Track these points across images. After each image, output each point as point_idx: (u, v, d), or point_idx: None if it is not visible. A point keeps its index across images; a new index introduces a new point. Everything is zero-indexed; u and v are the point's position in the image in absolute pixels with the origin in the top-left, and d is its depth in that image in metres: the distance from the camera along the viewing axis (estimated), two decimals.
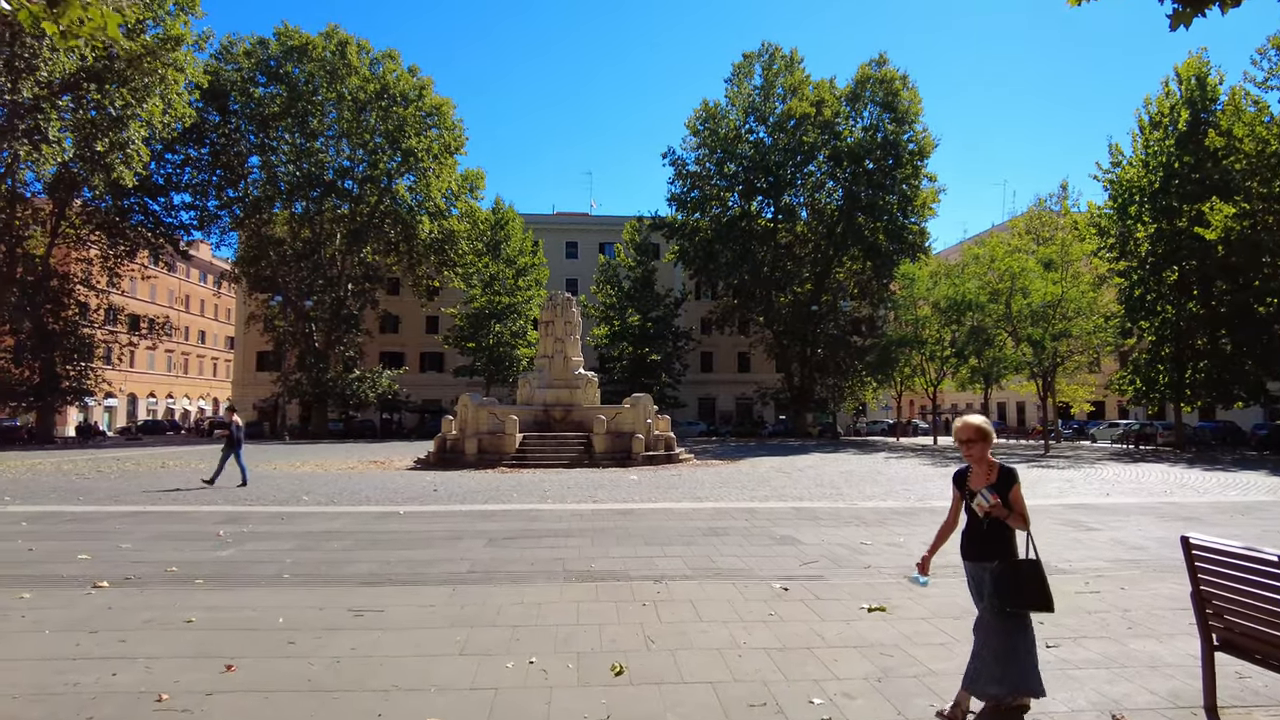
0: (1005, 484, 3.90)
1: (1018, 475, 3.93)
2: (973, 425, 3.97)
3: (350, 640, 5.32)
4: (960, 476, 4.12)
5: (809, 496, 14.53)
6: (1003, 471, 3.94)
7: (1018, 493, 3.91)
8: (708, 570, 7.65)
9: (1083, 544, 9.30)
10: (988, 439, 3.97)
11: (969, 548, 4.08)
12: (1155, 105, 36.52)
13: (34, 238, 43.18)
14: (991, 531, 3.94)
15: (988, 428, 3.97)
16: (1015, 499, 3.90)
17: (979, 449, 3.97)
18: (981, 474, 3.98)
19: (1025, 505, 3.94)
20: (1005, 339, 35.79)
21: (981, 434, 3.95)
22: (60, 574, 7.42)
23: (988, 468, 3.97)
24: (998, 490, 3.89)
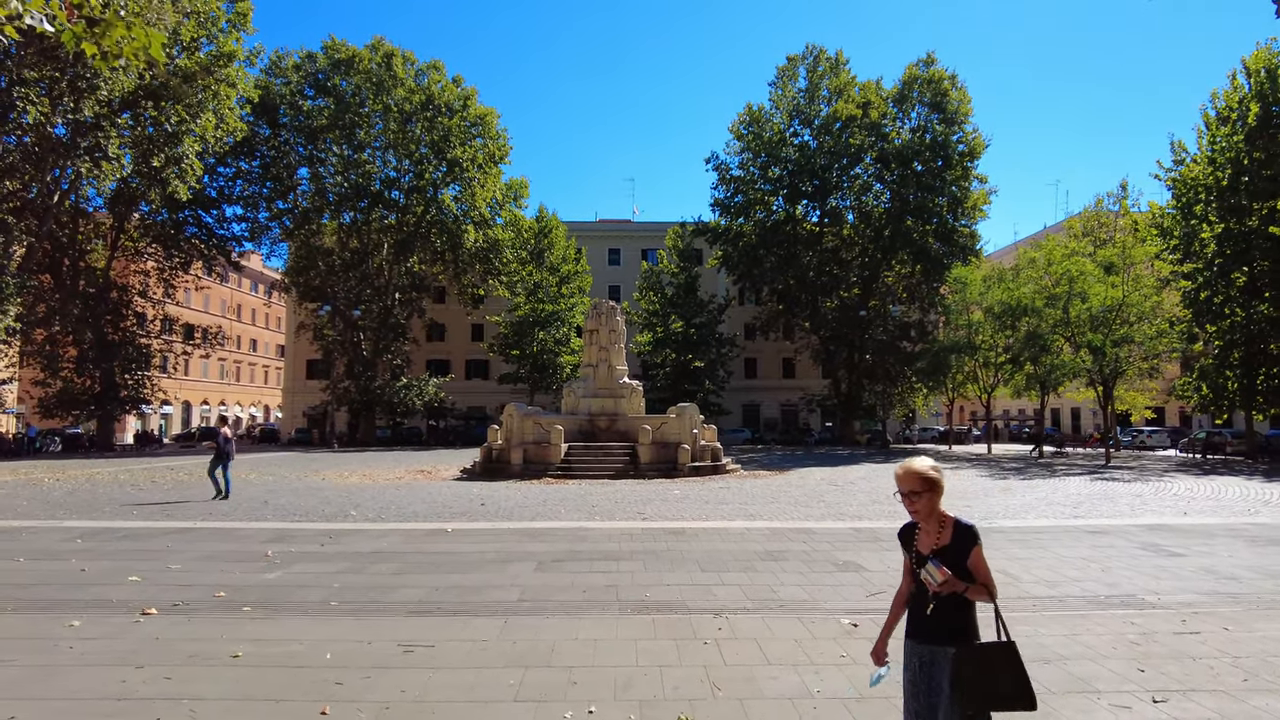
0: (961, 546, 3.08)
1: (978, 534, 3.11)
2: (916, 473, 3.13)
3: (399, 681, 5.07)
4: (907, 534, 3.29)
5: (867, 515, 13.99)
6: (958, 530, 3.12)
7: (979, 557, 3.09)
8: (770, 603, 7.26)
9: (1169, 572, 8.68)
10: (936, 489, 3.15)
11: (916, 625, 3.19)
12: (1223, 99, 34.97)
13: (95, 251, 44.53)
14: (946, 605, 3.08)
15: (935, 475, 3.15)
16: (976, 565, 3.08)
17: (925, 502, 3.14)
18: (931, 533, 3.16)
19: (989, 571, 3.12)
20: (1063, 345, 34.59)
21: (928, 484, 3.13)
22: (110, 598, 7.34)
23: (938, 525, 3.16)
24: (951, 555, 3.10)
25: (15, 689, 4.91)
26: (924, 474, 3.11)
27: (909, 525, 3.27)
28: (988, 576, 3.09)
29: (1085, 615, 6.78)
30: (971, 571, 3.07)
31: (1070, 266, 32.88)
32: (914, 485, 3.13)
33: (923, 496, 3.12)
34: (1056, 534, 11.59)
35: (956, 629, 3.09)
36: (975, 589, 3.06)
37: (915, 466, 3.14)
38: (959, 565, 3.04)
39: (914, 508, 3.14)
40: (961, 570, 3.05)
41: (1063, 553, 9.87)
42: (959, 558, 3.06)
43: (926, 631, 3.14)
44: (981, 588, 3.07)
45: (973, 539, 3.09)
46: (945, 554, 3.08)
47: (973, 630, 3.13)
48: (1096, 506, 15.50)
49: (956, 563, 3.04)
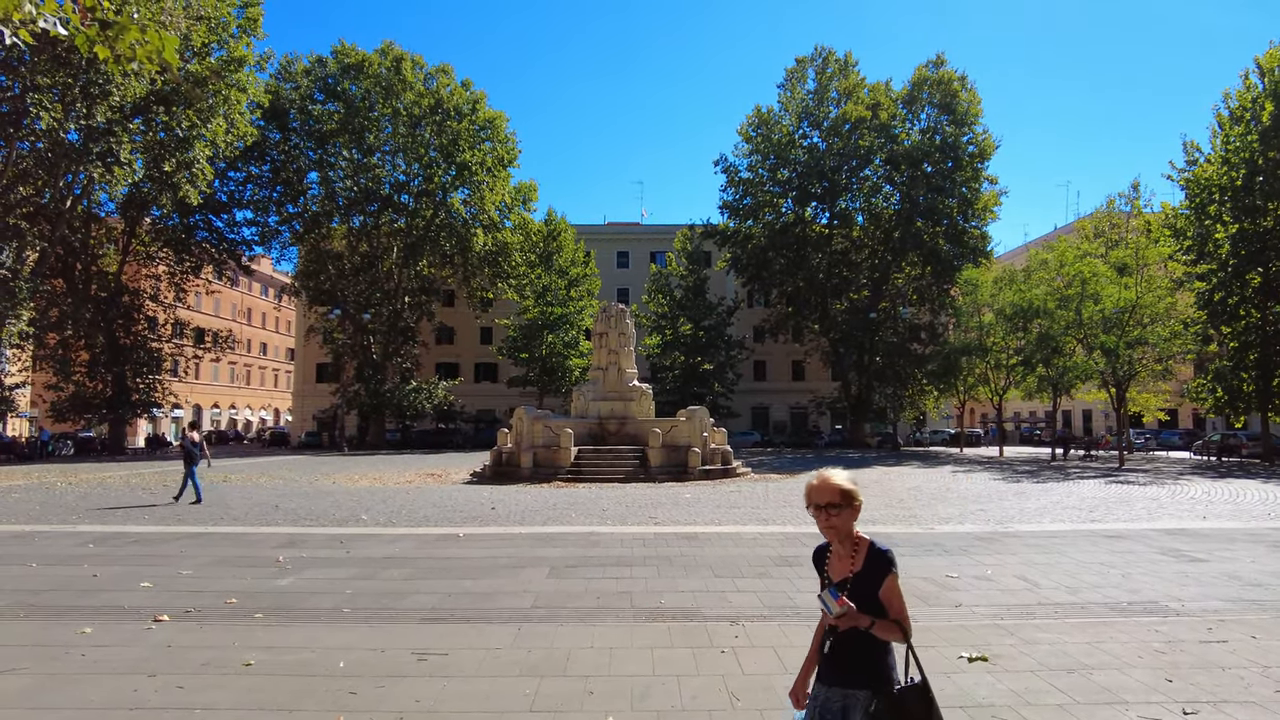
0: (874, 573, 2.73)
1: (893, 560, 2.74)
2: (833, 485, 2.75)
3: (413, 690, 5.00)
4: (819, 557, 2.98)
5: (881, 519, 13.87)
6: (872, 555, 2.76)
7: (893, 587, 2.70)
8: (786, 610, 7.16)
9: (1192, 578, 8.53)
10: (853, 504, 2.77)
11: (824, 663, 2.80)
12: (1235, 99, 34.69)
13: (107, 256, 44.78)
14: (852, 642, 2.70)
15: (852, 489, 2.77)
16: (889, 596, 2.69)
17: (842, 519, 2.76)
18: (844, 556, 2.82)
19: (904, 604, 2.73)
20: (1075, 347, 34.31)
21: (845, 497, 2.75)
22: (123, 605, 7.31)
23: (852, 547, 2.81)
24: (863, 583, 2.72)
25: (27, 698, 4.87)
26: (843, 486, 2.75)
27: (822, 547, 2.96)
28: (902, 611, 2.71)
29: (1108, 623, 6.66)
30: (884, 604, 2.69)
31: (1082, 268, 32.64)
32: (832, 498, 2.75)
33: (841, 512, 2.75)
34: (1074, 539, 11.45)
35: (866, 671, 2.70)
36: (885, 625, 2.67)
37: (832, 479, 2.78)
38: (870, 596, 2.69)
39: (830, 524, 2.76)
40: (872, 602, 2.69)
41: (1081, 558, 9.74)
42: (870, 587, 2.70)
43: (832, 671, 2.76)
44: (894, 624, 2.68)
45: (886, 566, 2.72)
46: (857, 582, 2.74)
47: (885, 673, 2.71)
48: (1112, 510, 15.33)
49: (868, 593, 2.69)
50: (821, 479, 2.79)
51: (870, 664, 2.70)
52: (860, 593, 2.70)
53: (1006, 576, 8.59)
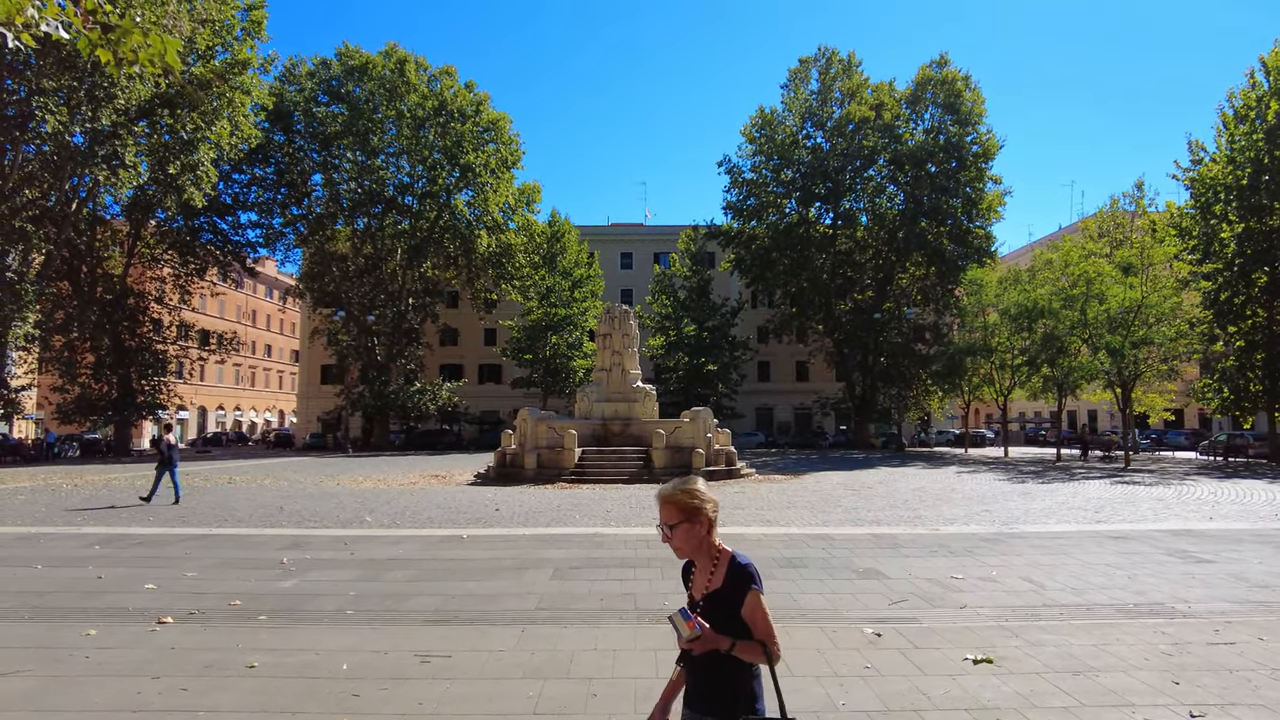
0: (734, 590, 2.47)
1: (755, 575, 2.48)
2: (674, 500, 2.51)
3: (417, 692, 5.00)
4: (686, 573, 2.73)
5: (885, 520, 13.84)
6: (732, 570, 2.50)
7: (756, 604, 2.45)
8: (791, 610, 7.14)
9: (1197, 579, 8.50)
10: (697, 518, 2.50)
11: (688, 687, 2.57)
12: (1240, 98, 34.57)
13: (112, 258, 44.92)
14: (714, 666, 2.45)
15: (696, 502, 2.50)
16: (752, 615, 2.45)
17: (682, 536, 2.50)
18: (703, 572, 2.57)
19: (770, 624, 2.45)
20: (1080, 347, 34.20)
21: (685, 512, 2.50)
22: (127, 606, 7.32)
23: (711, 562, 2.55)
24: (723, 601, 2.48)
25: (31, 700, 4.87)
26: (679, 500, 2.51)
27: (690, 561, 2.68)
28: (767, 631, 2.44)
29: (1114, 624, 6.63)
30: (747, 623, 2.45)
31: (1087, 267, 32.54)
32: (667, 515, 2.51)
33: (678, 529, 2.50)
34: (1079, 539, 11.40)
35: (725, 698, 2.46)
36: (748, 647, 2.42)
37: (673, 494, 2.53)
38: (732, 614, 2.46)
39: (671, 543, 2.52)
40: (734, 621, 2.45)
41: (1087, 559, 9.70)
42: (731, 605, 2.46)
43: (693, 696, 2.53)
44: (757, 646, 2.43)
45: (747, 582, 2.47)
46: (716, 600, 2.50)
47: (746, 699, 2.46)
48: (1118, 511, 15.27)
49: (729, 611, 2.46)
50: (662, 494, 2.55)
51: (730, 691, 2.46)
52: (720, 611, 2.47)
53: (1012, 578, 8.56)
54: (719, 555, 2.56)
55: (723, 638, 2.39)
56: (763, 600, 2.48)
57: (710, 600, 2.51)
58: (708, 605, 2.50)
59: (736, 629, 2.44)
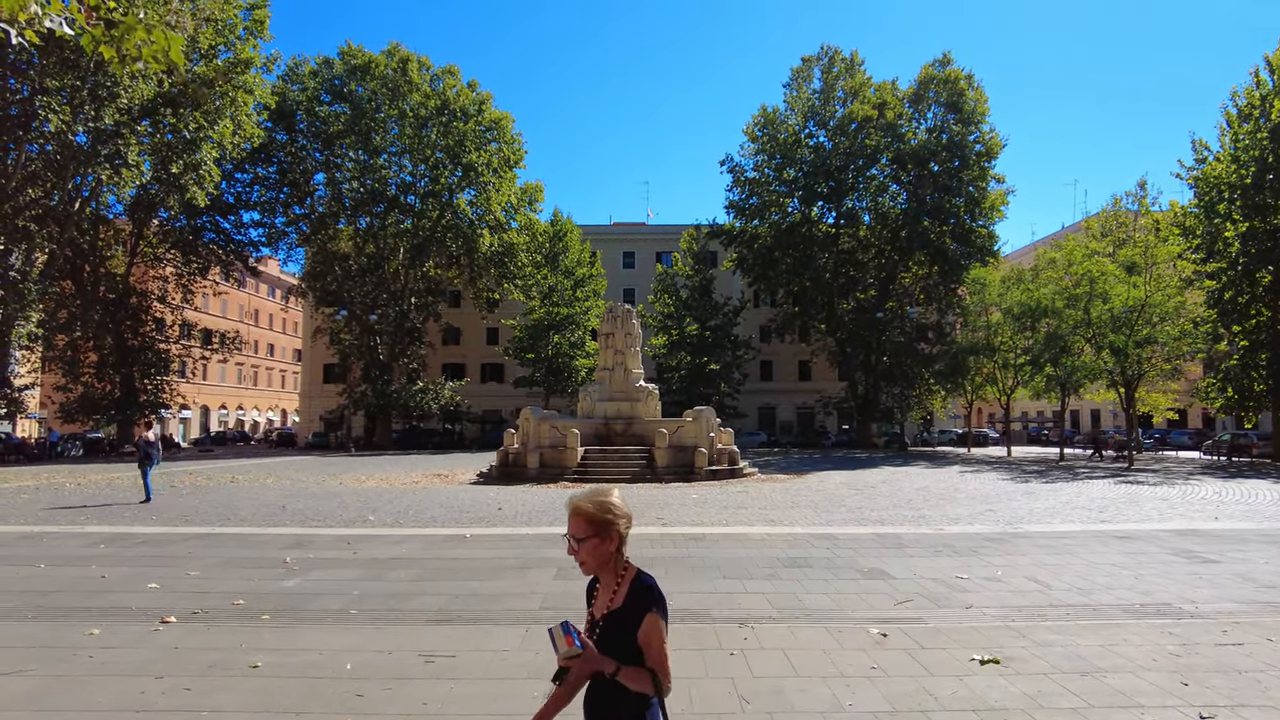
0: (634, 611, 2.32)
1: (658, 597, 2.34)
2: (585, 513, 2.35)
3: (421, 692, 4.97)
4: (591, 589, 2.57)
5: (889, 520, 13.80)
6: (634, 589, 2.36)
7: (651, 628, 2.29)
8: (796, 611, 7.12)
9: (1204, 580, 8.46)
10: (608, 533, 2.35)
11: (585, 708, 2.42)
12: (1244, 97, 34.47)
13: (115, 258, 44.96)
14: (601, 691, 2.34)
15: (609, 516, 2.36)
16: (647, 639, 2.29)
17: (594, 551, 2.35)
18: (607, 590, 2.41)
19: (665, 653, 2.30)
20: (1084, 346, 34.12)
21: (597, 526, 2.35)
22: (130, 606, 7.31)
23: (615, 579, 2.40)
24: (621, 622, 2.32)
25: (34, 700, 4.86)
26: (589, 513, 2.35)
27: (596, 578, 2.52)
28: (660, 658, 2.28)
29: (1121, 625, 6.60)
30: (642, 647, 2.28)
31: (1091, 267, 32.45)
32: (576, 527, 2.36)
33: (586, 543, 2.34)
34: (1084, 539, 11.36)
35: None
36: (634, 673, 2.26)
37: (583, 503, 2.37)
38: (628, 637, 2.29)
39: (576, 556, 2.36)
40: (630, 645, 2.29)
41: (1092, 559, 9.67)
42: (629, 627, 2.30)
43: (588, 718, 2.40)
44: (645, 673, 2.26)
45: (647, 603, 2.31)
46: (614, 620, 2.34)
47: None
48: (1122, 511, 15.23)
49: (626, 633, 2.30)
50: (572, 503, 2.39)
51: (610, 715, 2.33)
52: (617, 633, 2.31)
53: (1017, 578, 8.53)
54: (624, 573, 2.41)
55: (607, 660, 2.25)
56: (661, 626, 2.31)
57: (609, 620, 2.36)
58: (606, 626, 2.35)
59: (630, 653, 2.29)
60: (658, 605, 2.32)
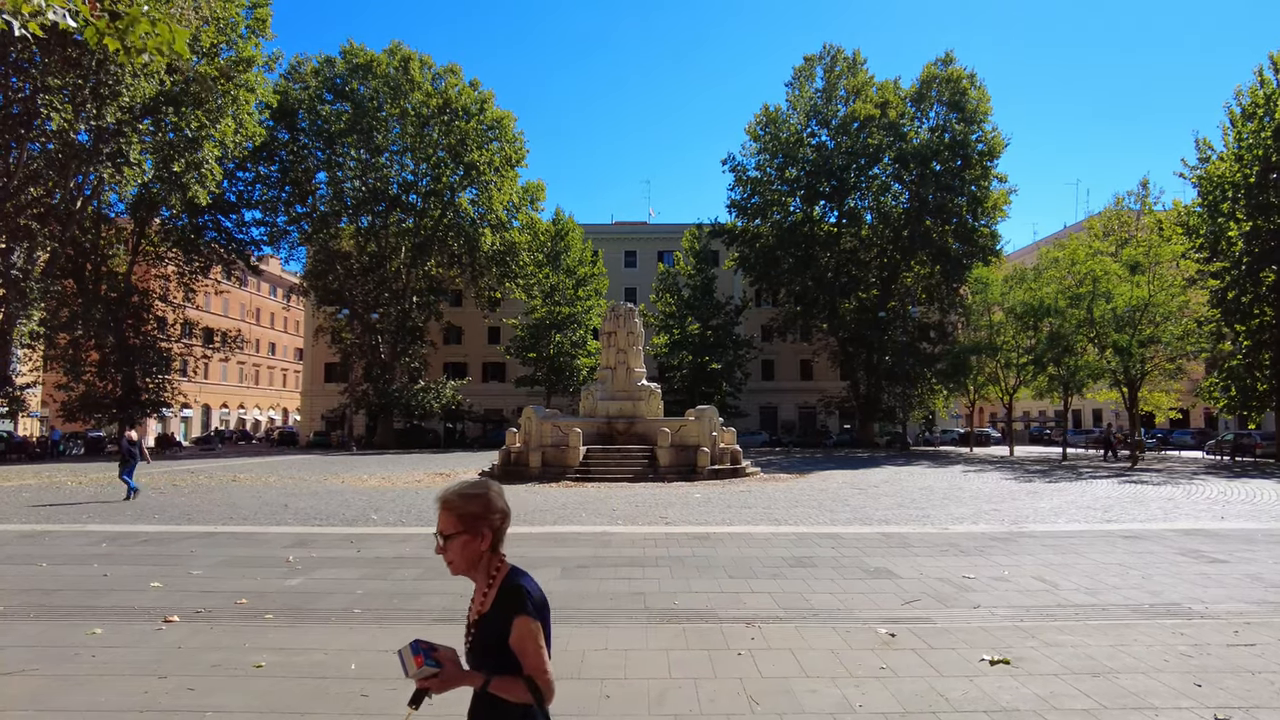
0: (502, 615, 2.13)
1: (528, 597, 2.15)
2: (453, 507, 2.18)
3: None
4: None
5: (894, 519, 13.74)
6: (504, 591, 2.17)
7: (525, 632, 2.10)
8: (803, 610, 7.07)
9: (1213, 580, 8.40)
10: (478, 529, 2.17)
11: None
12: (1248, 95, 34.36)
13: (117, 257, 44.93)
14: (481, 707, 2.19)
15: (477, 509, 2.18)
16: (521, 644, 2.11)
17: (463, 550, 2.17)
18: (479, 592, 2.23)
19: (542, 657, 2.12)
20: (1087, 345, 34.04)
21: (466, 521, 2.16)
22: (133, 605, 7.26)
23: (486, 579, 2.21)
24: (491, 628, 2.15)
25: (36, 700, 4.81)
26: (458, 507, 2.16)
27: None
28: (538, 664, 2.09)
29: (1130, 625, 6.55)
30: (516, 654, 2.10)
31: (1094, 266, 32.38)
32: (442, 524, 2.18)
33: (454, 540, 2.16)
34: (1090, 539, 11.31)
35: None
36: (507, 684, 2.07)
37: (450, 495, 2.19)
38: (499, 645, 2.12)
39: (445, 555, 2.18)
40: (502, 652, 2.11)
41: (1099, 558, 9.61)
42: (500, 633, 2.12)
43: None
44: (520, 682, 2.08)
45: (516, 606, 2.11)
46: (484, 626, 2.16)
47: None
48: (1128, 510, 15.17)
49: (497, 641, 2.12)
50: (441, 497, 2.20)
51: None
52: (488, 641, 2.14)
53: (1024, 577, 8.48)
54: (496, 574, 2.20)
55: (471, 674, 2.09)
56: (534, 628, 2.10)
57: (478, 627, 2.18)
58: (476, 633, 2.19)
59: (503, 662, 2.11)
60: (526, 606, 2.12)
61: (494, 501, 2.21)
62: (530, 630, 2.10)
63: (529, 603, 2.14)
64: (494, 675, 2.09)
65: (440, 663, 2.06)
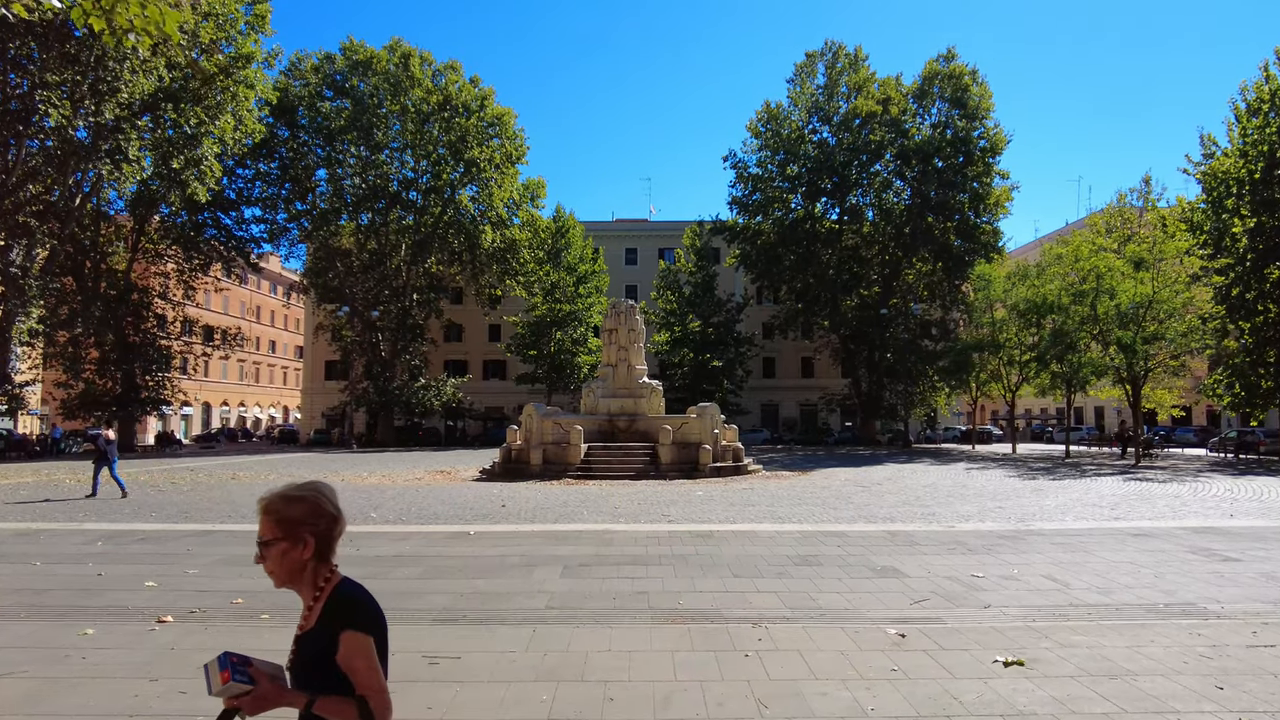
0: (328, 630, 1.92)
1: (358, 610, 1.96)
2: (272, 511, 1.97)
3: (426, 696, 4.79)
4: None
5: (899, 517, 13.60)
6: (331, 603, 1.97)
7: (355, 649, 1.90)
8: (810, 610, 6.92)
9: (1227, 579, 8.25)
10: (299, 535, 1.95)
11: None
12: (1253, 91, 34.16)
13: (116, 254, 44.80)
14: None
15: (297, 513, 1.97)
16: (350, 662, 1.90)
17: (282, 559, 1.95)
18: (305, 606, 2.01)
19: (376, 675, 1.93)
20: (1090, 342, 33.87)
21: (285, 527, 1.95)
22: (126, 605, 7.12)
23: (313, 591, 2.00)
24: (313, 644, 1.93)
25: (24, 704, 4.67)
26: (277, 511, 1.95)
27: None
28: (370, 683, 1.90)
29: (1146, 625, 6.40)
30: (347, 672, 1.90)
31: (1098, 262, 32.22)
32: (262, 530, 1.96)
33: (273, 548, 1.94)
34: (1099, 537, 11.16)
35: None
36: (334, 704, 1.87)
37: (271, 499, 1.98)
38: (327, 662, 1.90)
39: (264, 566, 1.97)
40: (330, 671, 1.90)
41: (1109, 557, 9.47)
42: (326, 649, 1.91)
43: None
44: (350, 703, 1.88)
45: (343, 619, 1.92)
46: (308, 643, 1.95)
47: None
48: (1135, 508, 15.02)
49: (323, 658, 1.91)
50: (260, 501, 1.99)
51: None
52: (314, 659, 1.92)
53: (1034, 576, 8.33)
54: (325, 585, 1.98)
55: (294, 694, 1.88)
56: (366, 644, 1.90)
57: (303, 644, 1.95)
58: (300, 651, 1.96)
59: (331, 680, 1.90)
60: (360, 619, 1.92)
61: (320, 505, 2.01)
62: (360, 646, 1.91)
63: (359, 616, 1.94)
64: (319, 695, 1.87)
65: (254, 679, 1.84)
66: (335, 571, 2.05)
